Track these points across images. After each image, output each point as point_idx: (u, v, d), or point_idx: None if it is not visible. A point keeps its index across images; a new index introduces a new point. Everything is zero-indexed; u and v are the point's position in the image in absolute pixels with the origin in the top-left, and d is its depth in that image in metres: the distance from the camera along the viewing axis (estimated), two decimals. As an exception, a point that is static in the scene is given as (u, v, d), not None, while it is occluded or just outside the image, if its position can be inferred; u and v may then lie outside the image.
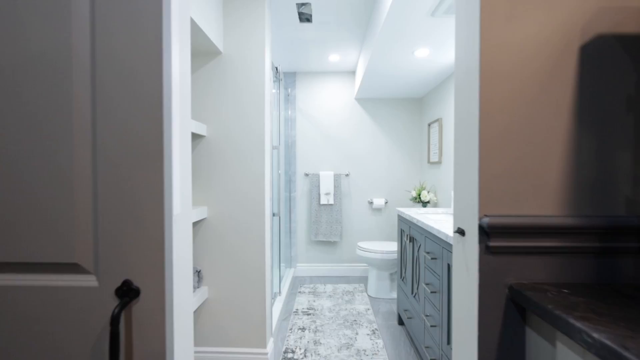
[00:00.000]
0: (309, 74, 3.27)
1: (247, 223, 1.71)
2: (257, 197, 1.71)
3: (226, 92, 1.70)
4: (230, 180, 1.70)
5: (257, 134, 1.71)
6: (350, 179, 3.32)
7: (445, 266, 1.39)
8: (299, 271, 3.34)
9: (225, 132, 1.70)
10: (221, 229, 1.70)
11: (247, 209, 1.71)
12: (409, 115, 3.31)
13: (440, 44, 1.95)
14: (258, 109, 1.71)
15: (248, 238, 1.72)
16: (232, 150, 1.70)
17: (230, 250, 1.71)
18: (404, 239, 2.16)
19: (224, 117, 1.70)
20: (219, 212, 1.70)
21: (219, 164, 1.69)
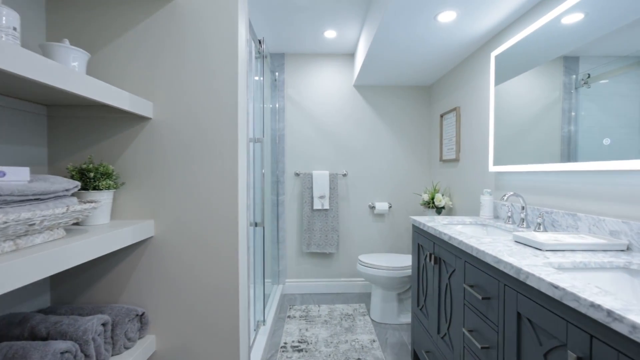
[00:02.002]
0: (300, 55, 2.77)
1: (213, 240, 1.20)
2: (228, 204, 1.21)
3: (185, 57, 1.18)
4: (189, 182, 1.19)
5: (229, 119, 1.20)
6: (348, 180, 2.83)
7: (512, 315, 0.92)
8: (288, 288, 2.83)
9: (182, 115, 1.18)
10: (175, 251, 1.19)
11: (214, 220, 1.20)
12: (416, 105, 2.84)
13: (473, 2, 1.48)
14: (230, 84, 1.20)
15: (215, 261, 1.21)
16: (192, 140, 1.19)
17: (188, 279, 1.20)
18: (423, 258, 1.68)
19: (180, 92, 1.18)
20: (171, 227, 1.18)
21: (173, 160, 1.18)
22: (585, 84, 1.27)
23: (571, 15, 1.28)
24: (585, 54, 1.26)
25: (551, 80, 1.43)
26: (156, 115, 1.17)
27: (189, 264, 1.19)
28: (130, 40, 1.17)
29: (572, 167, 1.28)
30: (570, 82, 1.33)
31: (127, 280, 1.17)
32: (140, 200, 1.16)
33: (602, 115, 1.19)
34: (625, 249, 1.03)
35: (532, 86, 1.52)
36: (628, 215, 1.07)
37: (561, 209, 1.35)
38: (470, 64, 2.11)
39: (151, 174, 1.17)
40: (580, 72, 1.29)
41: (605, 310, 0.62)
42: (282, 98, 2.77)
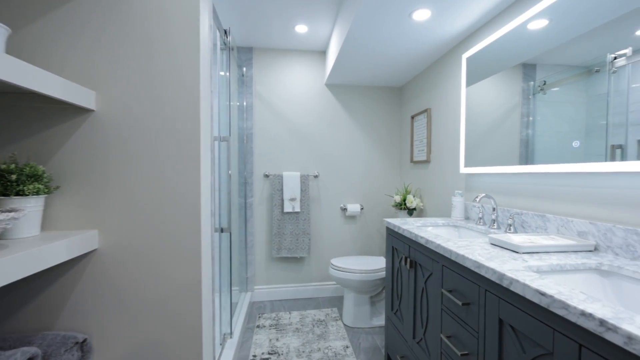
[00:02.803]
0: (269, 50, 2.64)
1: (172, 250, 1.06)
2: (189, 209, 1.07)
3: (137, 42, 1.03)
4: (142, 185, 1.03)
5: (190, 114, 1.07)
6: (319, 181, 2.75)
7: (493, 321, 0.89)
8: (257, 295, 2.69)
9: (133, 108, 1.03)
10: (125, 265, 1.03)
11: (173, 228, 1.06)
12: (388, 106, 2.84)
13: (447, 2, 1.47)
14: (190, 75, 1.07)
15: (174, 274, 1.07)
16: (146, 137, 1.04)
17: (141, 296, 1.05)
18: (397, 261, 1.65)
19: (131, 82, 1.03)
20: (121, 238, 1.02)
21: (123, 159, 1.02)
22: (541, 90, 1.31)
23: (537, 21, 1.31)
24: (541, 62, 1.31)
25: (513, 85, 1.46)
26: (101, 107, 1.01)
27: (142, 279, 1.04)
28: (71, 19, 0.99)
29: (527, 169, 1.35)
30: (528, 88, 1.37)
31: (64, 302, 0.99)
32: (81, 208, 0.99)
33: (556, 120, 1.23)
34: (593, 250, 1.05)
35: (498, 90, 1.55)
36: (595, 217, 1.09)
37: (530, 210, 1.37)
38: (441, 65, 2.13)
39: (95, 176, 1.00)
40: (537, 79, 1.33)
41: (598, 319, 0.59)
42: (250, 95, 2.63)
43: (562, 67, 1.22)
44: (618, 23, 1.02)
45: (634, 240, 0.95)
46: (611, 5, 1.03)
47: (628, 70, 1.00)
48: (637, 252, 0.94)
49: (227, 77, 2.14)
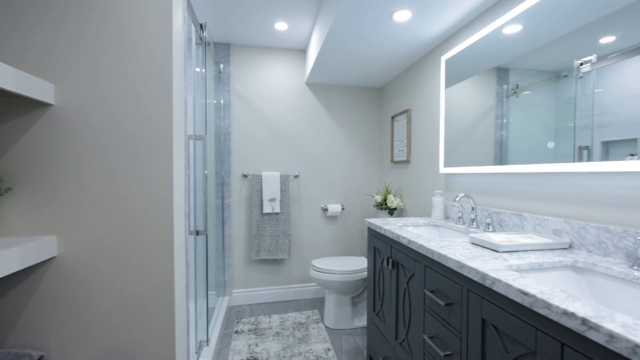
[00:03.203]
0: (248, 47, 2.57)
1: (141, 256, 0.99)
2: (161, 211, 1.00)
3: (104, 33, 0.95)
4: (108, 186, 0.95)
5: (162, 110, 1.00)
6: (300, 181, 2.71)
7: (476, 321, 0.88)
8: (235, 299, 2.61)
9: (99, 103, 0.95)
10: (88, 273, 0.94)
11: (142, 232, 0.99)
12: (368, 106, 2.84)
13: (427, 2, 1.47)
14: (162, 69, 1.00)
15: (144, 280, 1.00)
16: (113, 134, 0.96)
17: (107, 307, 0.97)
18: (379, 262, 1.64)
19: (97, 75, 0.95)
20: (83, 244, 0.94)
21: (84, 158, 0.94)
22: (514, 93, 1.35)
23: (512, 26, 1.34)
24: (514, 67, 1.35)
25: (488, 88, 1.50)
26: (60, 101, 0.92)
27: (107, 288, 0.96)
28: (28, 6, 0.90)
29: (502, 169, 1.40)
30: (502, 91, 1.41)
31: (17, 316, 0.89)
32: (37, 211, 0.90)
33: (528, 122, 1.28)
34: (567, 247, 1.08)
35: (475, 92, 1.58)
36: (569, 215, 1.13)
37: (508, 209, 1.40)
38: (421, 66, 2.15)
39: (53, 177, 0.91)
40: (510, 83, 1.37)
41: (580, 318, 0.59)
42: (227, 93, 2.55)
43: (533, 71, 1.26)
44: (584, 31, 1.06)
45: (606, 238, 0.98)
46: (577, 14, 1.07)
47: (593, 75, 1.04)
48: (609, 249, 0.97)
49: (203, 73, 2.06)
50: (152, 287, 1.01)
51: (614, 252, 0.95)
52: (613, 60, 0.98)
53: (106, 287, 0.96)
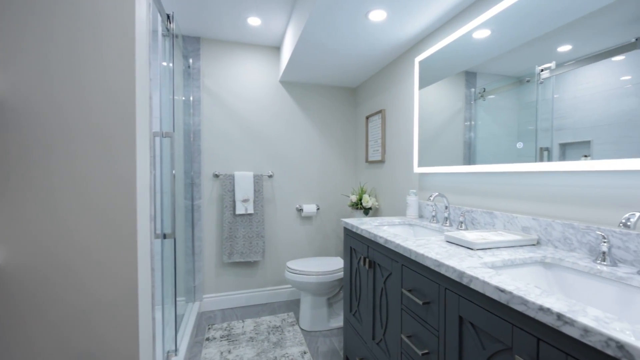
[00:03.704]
0: (219, 42, 2.47)
1: (100, 264, 0.90)
2: (122, 214, 0.92)
3: (49, 12, 0.85)
4: (58, 188, 0.86)
5: (123, 105, 0.92)
6: (274, 181, 2.65)
7: (453, 319, 0.89)
8: (206, 305, 2.50)
9: (45, 93, 0.85)
10: (35, 285, 0.84)
11: (101, 237, 0.90)
12: (343, 106, 2.84)
13: (401, 2, 1.49)
14: (123, 61, 0.92)
15: (104, 289, 0.91)
16: (62, 129, 0.86)
17: (58, 321, 0.87)
18: (356, 262, 1.63)
19: (43, 61, 0.85)
20: (30, 253, 0.83)
21: (30, 157, 0.83)
22: (481, 97, 1.40)
23: (481, 30, 1.38)
24: (481, 71, 1.40)
25: (458, 91, 1.55)
26: (4, 94, 0.81)
27: (59, 300, 0.86)
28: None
29: (469, 169, 1.45)
30: (470, 95, 1.46)
31: (-55, 337, 0.77)
32: (-29, 216, 0.78)
33: (493, 124, 1.33)
34: (536, 244, 1.13)
35: (447, 94, 1.62)
36: (536, 212, 1.18)
37: (479, 208, 1.44)
38: (396, 67, 2.18)
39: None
40: (477, 86, 1.42)
41: (555, 313, 0.60)
42: (197, 89, 2.43)
43: (498, 76, 1.32)
44: (544, 39, 1.12)
45: (570, 234, 1.03)
46: (539, 22, 1.13)
47: (552, 81, 1.09)
48: (573, 245, 1.02)
49: (171, 67, 1.95)
50: (113, 294, 0.92)
51: (578, 247, 1.00)
52: (569, 67, 1.04)
53: (57, 299, 0.86)
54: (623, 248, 0.88)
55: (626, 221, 0.74)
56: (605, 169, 0.93)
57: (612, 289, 0.81)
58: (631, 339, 0.50)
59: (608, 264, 0.86)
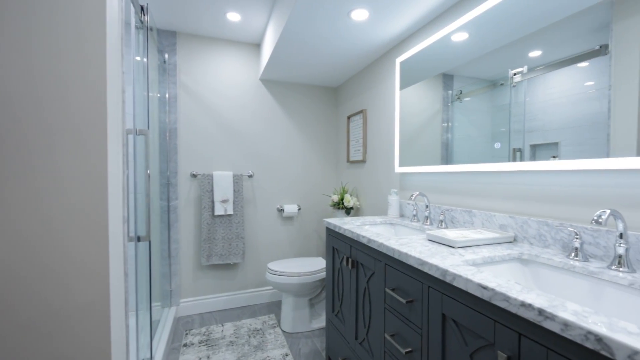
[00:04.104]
0: (197, 37, 2.39)
1: (67, 268, 0.84)
2: (93, 215, 0.86)
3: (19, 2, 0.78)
4: (22, 186, 0.79)
5: (94, 99, 0.86)
6: (254, 181, 2.60)
7: (436, 317, 0.90)
8: (183, 309, 2.41)
9: (10, 84, 0.78)
10: (8, 285, 0.77)
11: (70, 240, 0.83)
12: (324, 106, 2.83)
13: (384, 2, 1.49)
14: (95, 51, 0.86)
15: (71, 297, 0.85)
16: (30, 124, 0.79)
17: (19, 331, 0.80)
18: (338, 262, 1.62)
19: (9, 50, 0.77)
20: (3, 251, 0.76)
21: (5, 152, 0.76)
22: (458, 99, 1.44)
23: (460, 33, 1.42)
24: (458, 74, 1.44)
25: (436, 92, 1.58)
26: (-50, 79, 0.73)
27: (20, 310, 0.79)
28: None
29: (446, 168, 1.50)
30: (447, 96, 1.50)
31: None
32: None
33: (469, 126, 1.37)
34: (512, 241, 1.17)
35: (427, 95, 1.65)
36: (513, 211, 1.22)
37: (458, 206, 1.48)
38: (377, 67, 2.19)
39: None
40: (454, 89, 1.46)
41: (537, 309, 0.62)
42: (173, 85, 2.34)
43: (474, 79, 1.36)
44: (517, 44, 1.16)
45: (545, 231, 1.07)
46: (513, 27, 1.17)
47: (524, 85, 1.14)
48: (548, 241, 1.06)
49: (145, 62, 1.86)
50: (83, 301, 0.86)
51: (552, 243, 1.05)
52: (539, 72, 1.08)
53: (18, 309, 0.79)
54: (594, 244, 0.93)
55: (598, 218, 0.78)
56: (571, 169, 0.98)
57: (585, 283, 0.85)
58: (609, 332, 0.51)
59: (580, 259, 0.90)
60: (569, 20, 1.00)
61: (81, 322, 0.88)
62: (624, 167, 0.85)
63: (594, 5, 0.93)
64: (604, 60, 0.91)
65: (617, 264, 0.81)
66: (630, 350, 0.48)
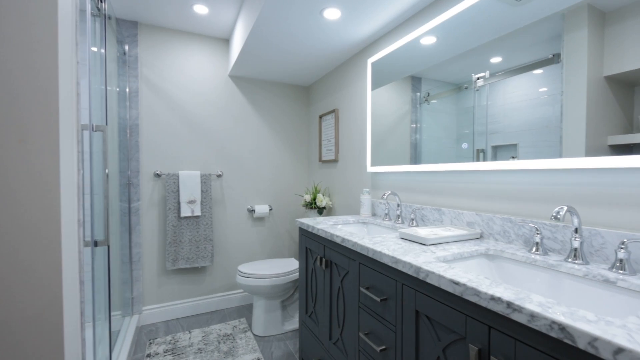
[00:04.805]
0: (161, 29, 2.26)
1: (12, 278, 0.74)
2: (43, 219, 0.77)
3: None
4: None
5: (43, 91, 0.77)
6: (223, 181, 2.51)
7: (410, 313, 0.91)
8: (146, 317, 2.26)
9: None
10: None
11: (13, 248, 0.74)
12: (296, 104, 2.80)
13: (356, 2, 1.50)
14: (44, 35, 0.77)
15: (17, 310, 0.75)
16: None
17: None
18: (312, 262, 1.61)
19: None
20: None
21: None
22: (426, 101, 1.49)
23: (428, 37, 1.46)
24: (425, 77, 1.49)
25: (405, 94, 1.63)
26: None
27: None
28: None
29: (415, 168, 1.55)
30: (416, 98, 1.55)
31: None
32: None
33: (436, 127, 1.43)
34: (479, 237, 1.22)
35: (397, 96, 1.69)
36: (479, 208, 1.27)
37: (428, 205, 1.52)
38: (349, 67, 2.20)
39: None
40: (422, 91, 1.51)
41: (505, 302, 0.64)
42: (135, 78, 2.19)
43: (441, 82, 1.41)
44: (480, 50, 1.22)
45: (508, 227, 1.13)
46: (476, 34, 1.23)
47: (487, 89, 1.20)
48: (511, 237, 1.12)
49: (102, 53, 1.72)
50: (31, 313, 0.77)
51: (515, 239, 1.11)
52: (500, 77, 1.15)
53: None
54: (552, 238, 0.99)
55: (556, 214, 0.83)
56: (529, 168, 1.04)
57: (546, 275, 0.90)
58: (571, 321, 0.55)
59: (541, 253, 0.96)
60: (525, 30, 1.06)
61: (29, 336, 0.79)
62: (575, 166, 0.92)
63: (547, 16, 1.00)
64: (557, 68, 0.98)
65: (573, 257, 0.88)
66: (590, 337, 0.51)
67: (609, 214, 0.89)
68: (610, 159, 0.85)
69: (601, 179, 0.91)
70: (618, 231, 0.85)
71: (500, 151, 1.15)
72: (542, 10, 1.01)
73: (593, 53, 0.89)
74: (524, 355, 0.62)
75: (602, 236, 0.88)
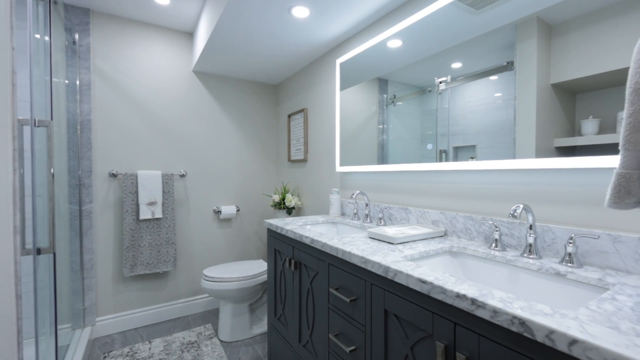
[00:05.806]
0: (117, 18, 2.10)
1: None
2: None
3: None
4: None
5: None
6: (187, 181, 2.39)
7: (379, 313, 0.92)
8: (100, 329, 2.09)
9: None
10: None
11: None
12: (264, 103, 2.74)
13: (325, 1, 1.49)
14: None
15: None
16: None
17: None
18: (280, 264, 1.57)
19: None
20: None
21: None
22: (392, 102, 1.52)
23: (394, 40, 1.49)
24: (392, 79, 1.53)
25: (373, 95, 1.66)
26: None
27: None
28: None
29: (381, 168, 1.58)
30: (383, 100, 1.58)
31: None
32: None
33: (402, 128, 1.47)
34: (443, 235, 1.26)
35: (365, 97, 1.71)
36: (443, 207, 1.32)
37: (395, 204, 1.55)
38: (318, 67, 2.19)
39: None
40: (389, 93, 1.54)
41: (470, 299, 0.66)
42: (86, 70, 2.01)
43: (406, 85, 1.45)
44: (443, 55, 1.28)
45: (470, 225, 1.18)
46: (438, 40, 1.28)
47: (448, 93, 1.25)
48: (473, 234, 1.17)
49: (47, 40, 1.56)
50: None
51: (476, 236, 1.16)
52: (460, 82, 1.20)
53: None
54: (509, 235, 1.05)
55: (514, 212, 0.87)
56: (486, 168, 1.10)
57: (504, 270, 0.95)
58: (530, 315, 0.57)
59: (500, 249, 1.01)
60: (483, 38, 1.12)
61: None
62: (527, 166, 0.98)
63: (502, 26, 1.06)
64: (510, 74, 1.04)
65: (528, 252, 0.93)
66: (548, 330, 0.53)
67: (558, 211, 0.95)
68: (556, 160, 0.92)
69: (550, 179, 0.97)
70: (567, 227, 0.92)
71: (461, 152, 1.20)
72: (497, 20, 1.07)
73: (542, 62, 0.95)
74: (488, 350, 0.64)
75: (553, 232, 0.95)
